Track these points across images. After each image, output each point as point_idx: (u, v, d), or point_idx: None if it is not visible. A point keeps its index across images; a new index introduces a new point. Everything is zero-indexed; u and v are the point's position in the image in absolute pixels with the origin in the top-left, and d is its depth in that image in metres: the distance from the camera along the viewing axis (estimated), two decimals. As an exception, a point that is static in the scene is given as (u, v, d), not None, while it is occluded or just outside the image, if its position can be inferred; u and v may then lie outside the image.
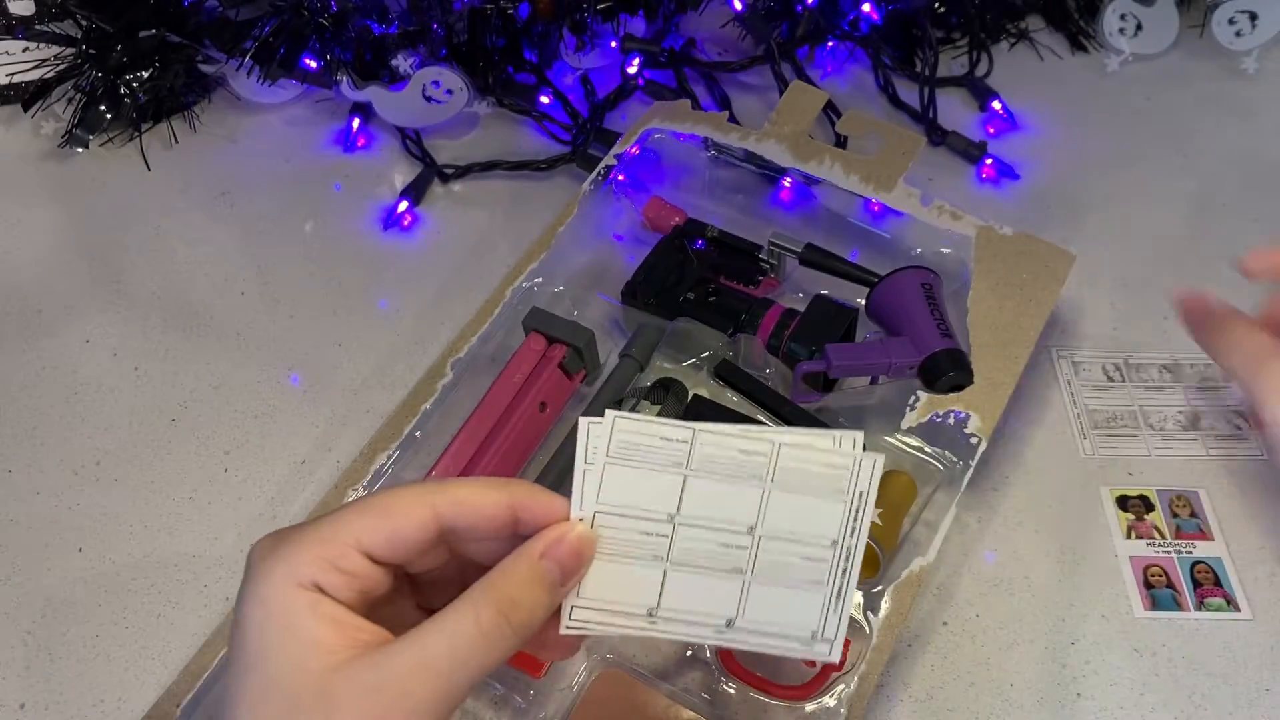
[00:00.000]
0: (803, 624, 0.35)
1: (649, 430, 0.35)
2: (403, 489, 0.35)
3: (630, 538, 0.35)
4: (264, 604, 0.33)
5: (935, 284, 0.58)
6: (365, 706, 0.31)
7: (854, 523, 0.35)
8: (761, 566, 0.35)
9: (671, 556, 0.35)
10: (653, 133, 0.65)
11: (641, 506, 0.35)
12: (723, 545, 0.35)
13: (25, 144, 0.75)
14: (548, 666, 0.50)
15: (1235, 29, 0.77)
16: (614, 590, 0.35)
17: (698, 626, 0.35)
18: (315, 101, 0.77)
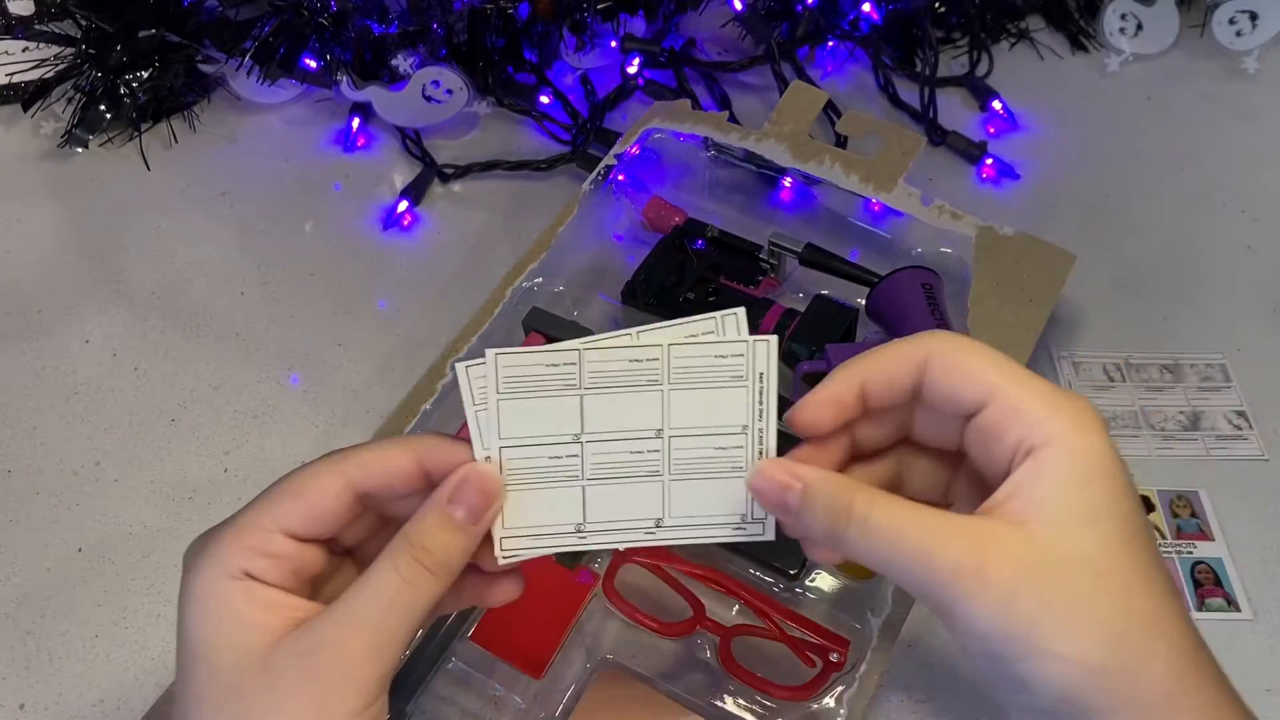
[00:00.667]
0: (730, 510, 0.36)
1: (534, 360, 0.35)
2: (313, 463, 0.36)
3: (541, 464, 0.36)
4: (199, 600, 0.34)
5: (936, 284, 0.58)
6: (303, 669, 0.32)
7: (760, 405, 0.35)
8: (677, 464, 0.36)
9: (586, 474, 0.36)
10: (653, 133, 0.65)
11: (545, 433, 0.36)
12: (634, 453, 0.36)
13: (25, 144, 0.75)
14: (548, 667, 0.50)
15: (1235, 29, 0.77)
16: (538, 515, 0.36)
17: (628, 532, 0.36)
18: (315, 101, 0.77)
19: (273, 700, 0.32)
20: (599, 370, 0.35)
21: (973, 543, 0.31)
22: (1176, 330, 0.64)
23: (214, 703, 0.33)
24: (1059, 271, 0.58)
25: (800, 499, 0.33)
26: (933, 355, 0.34)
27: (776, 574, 0.52)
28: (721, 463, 0.36)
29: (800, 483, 0.33)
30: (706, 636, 0.51)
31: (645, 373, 0.35)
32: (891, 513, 0.32)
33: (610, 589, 0.50)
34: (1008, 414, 0.32)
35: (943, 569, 0.31)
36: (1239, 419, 0.60)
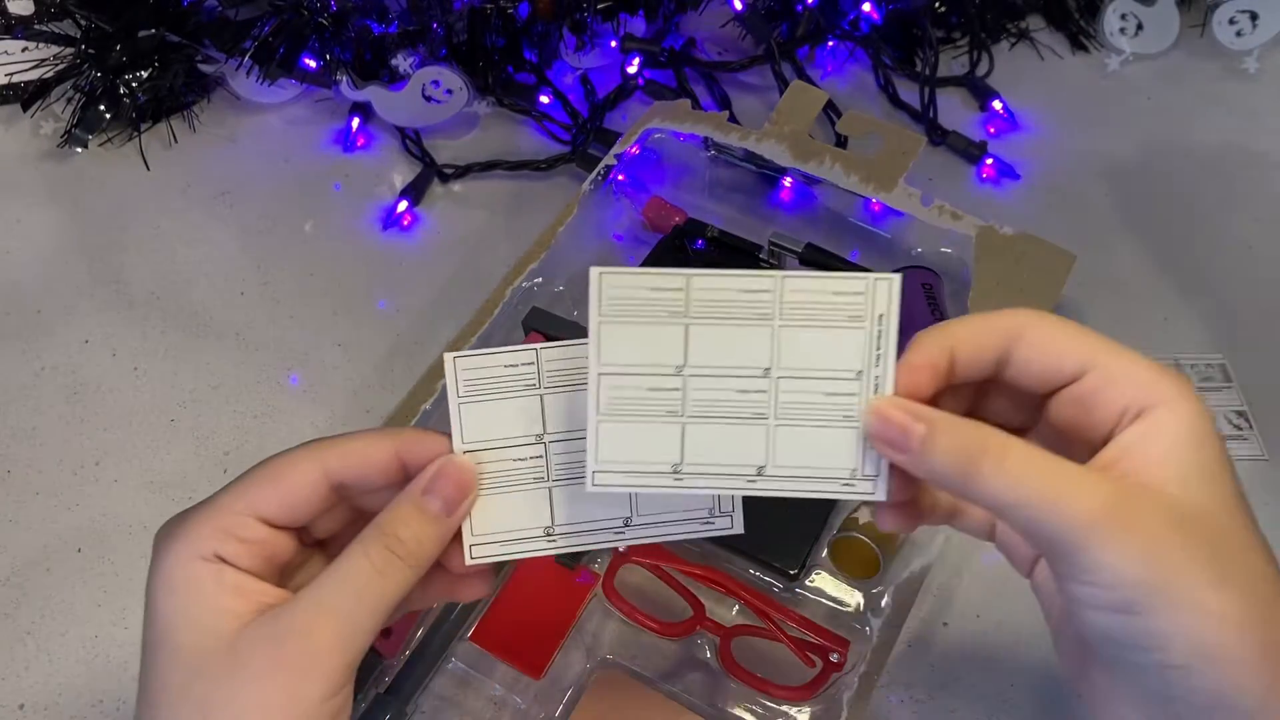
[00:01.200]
0: (839, 463, 0.34)
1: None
2: (292, 451, 0.36)
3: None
4: (168, 580, 0.34)
5: (936, 284, 0.58)
6: (269, 655, 0.32)
7: (878, 349, 0.33)
8: (784, 409, 0.34)
9: (687, 411, 0.34)
10: (653, 132, 0.65)
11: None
12: (740, 391, 0.34)
13: (24, 144, 0.75)
14: (548, 667, 0.50)
15: (1236, 29, 0.77)
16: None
17: (727, 478, 0.34)
18: (315, 101, 0.77)
19: (237, 685, 0.32)
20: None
21: (1111, 492, 0.31)
22: (1176, 330, 0.64)
23: (178, 685, 0.32)
24: (1059, 271, 0.58)
25: (925, 439, 0.32)
26: (1025, 326, 0.34)
27: (776, 574, 0.52)
28: (832, 411, 0.34)
29: (924, 421, 0.33)
30: (706, 637, 0.51)
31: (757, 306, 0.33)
32: (1028, 455, 0.32)
33: (610, 589, 0.50)
34: (1112, 380, 0.33)
35: (1080, 515, 0.30)
36: (1239, 419, 0.60)
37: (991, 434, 0.32)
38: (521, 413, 0.35)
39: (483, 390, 0.35)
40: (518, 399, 0.35)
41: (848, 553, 0.52)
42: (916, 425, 0.32)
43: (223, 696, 0.32)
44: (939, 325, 0.34)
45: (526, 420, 0.35)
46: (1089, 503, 0.30)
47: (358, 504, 0.37)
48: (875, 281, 0.33)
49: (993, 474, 0.31)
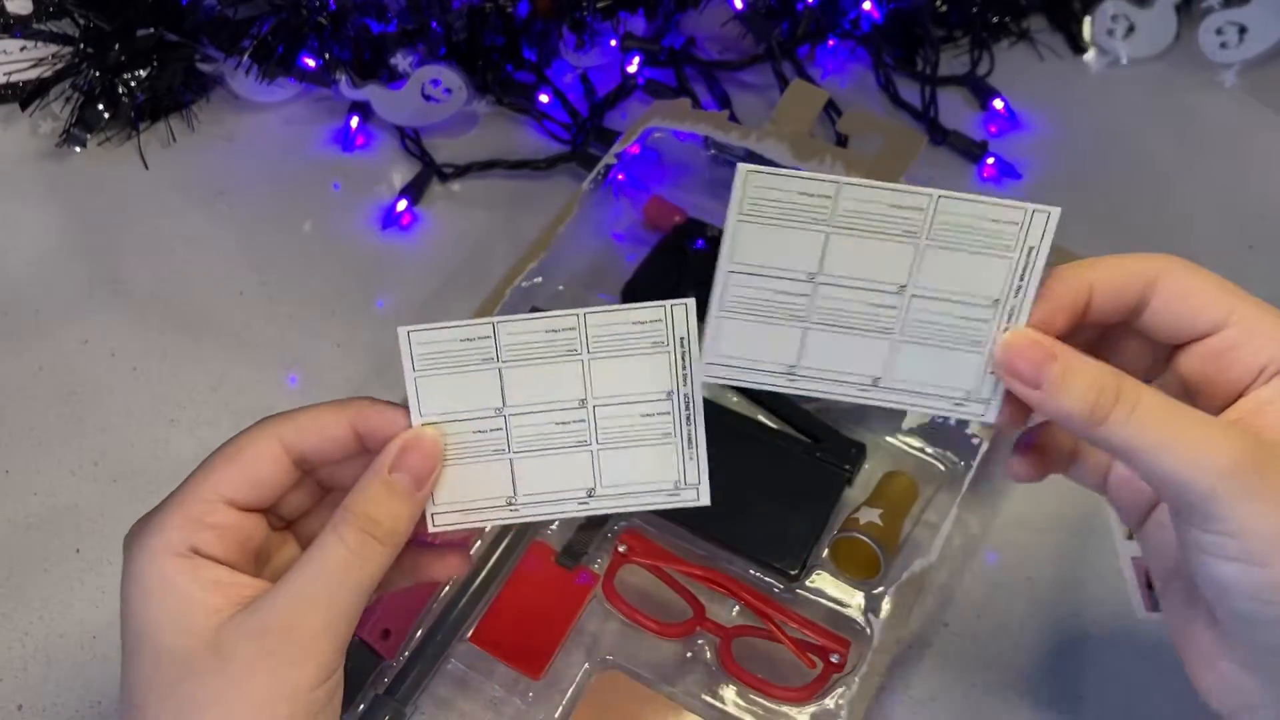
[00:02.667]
0: (955, 384, 0.34)
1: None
2: (248, 429, 0.36)
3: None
4: (142, 581, 0.33)
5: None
6: (255, 649, 0.32)
7: (1020, 280, 0.33)
8: (911, 326, 0.34)
9: (813, 318, 0.34)
10: (652, 131, 0.65)
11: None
12: (871, 305, 0.34)
13: (23, 143, 0.75)
14: (547, 668, 0.49)
15: (1221, 40, 0.76)
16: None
17: (840, 385, 0.34)
18: (314, 100, 0.77)
19: (225, 682, 0.32)
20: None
21: (1247, 445, 0.30)
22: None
23: (162, 687, 0.32)
24: (1060, 271, 0.58)
25: (1060, 374, 0.32)
26: (1164, 275, 0.33)
27: (776, 574, 0.52)
28: (960, 334, 0.33)
29: (1058, 359, 0.32)
30: (706, 637, 0.51)
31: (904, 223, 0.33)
32: (1161, 402, 0.31)
33: (610, 590, 0.50)
34: (1253, 336, 0.32)
35: (1215, 465, 0.30)
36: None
37: (1125, 378, 0.32)
38: (479, 386, 0.35)
39: (439, 364, 0.36)
40: (475, 372, 0.35)
41: (848, 553, 0.52)
42: (1050, 363, 0.32)
43: (211, 694, 0.32)
44: (1080, 262, 0.34)
45: (485, 393, 0.35)
46: (1224, 453, 0.30)
47: (321, 479, 0.37)
48: (1033, 213, 0.33)
49: (1125, 419, 0.31)
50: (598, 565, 0.52)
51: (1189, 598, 0.34)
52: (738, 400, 0.58)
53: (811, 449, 0.54)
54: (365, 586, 0.34)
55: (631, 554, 0.50)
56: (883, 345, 0.34)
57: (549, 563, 0.52)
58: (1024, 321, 0.33)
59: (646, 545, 0.51)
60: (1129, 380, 0.32)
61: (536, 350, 0.35)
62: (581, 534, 0.53)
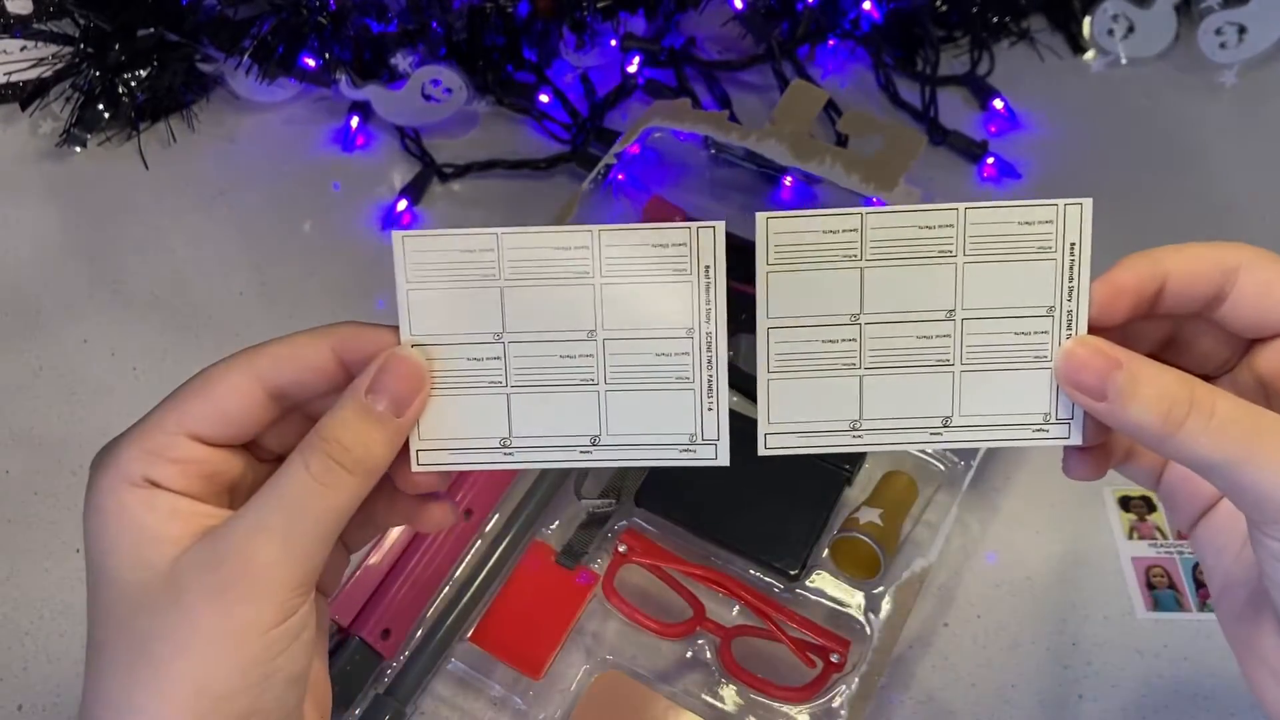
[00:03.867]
0: (1032, 408, 0.31)
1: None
2: (222, 362, 0.33)
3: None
4: (99, 511, 0.31)
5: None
6: (209, 582, 0.30)
7: (1070, 281, 0.31)
8: (970, 353, 0.31)
9: (864, 364, 0.32)
10: (652, 132, 0.65)
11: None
12: (921, 338, 0.32)
13: (23, 143, 0.75)
14: (547, 667, 0.49)
15: (1220, 40, 0.76)
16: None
17: (910, 433, 0.32)
18: (314, 100, 0.77)
19: (177, 616, 0.30)
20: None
21: None
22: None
23: (118, 620, 0.30)
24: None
25: (1128, 383, 0.30)
26: (1245, 266, 0.31)
27: (776, 574, 0.52)
28: (1019, 353, 0.31)
29: (1123, 367, 0.30)
30: (707, 637, 0.51)
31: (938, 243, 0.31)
32: (1236, 410, 0.29)
33: (610, 589, 0.50)
34: None
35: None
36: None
37: (1197, 385, 0.30)
38: (478, 306, 0.32)
39: (435, 276, 0.32)
40: (474, 289, 0.32)
41: (848, 553, 0.52)
42: (1115, 372, 0.30)
43: (163, 628, 0.30)
44: (1152, 250, 0.32)
45: (483, 315, 0.32)
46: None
47: (307, 412, 0.34)
48: (1066, 207, 0.31)
49: (1199, 430, 0.29)
50: (598, 565, 0.52)
51: (1254, 605, 0.32)
52: (737, 400, 0.58)
53: (812, 449, 0.54)
54: (330, 519, 0.31)
55: (631, 554, 0.51)
56: (945, 380, 0.32)
57: (549, 562, 0.52)
58: (1083, 326, 0.31)
59: (646, 545, 0.51)
60: (1203, 387, 0.30)
61: (544, 270, 0.31)
62: (581, 533, 0.53)
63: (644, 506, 0.53)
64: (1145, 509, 0.56)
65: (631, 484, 0.53)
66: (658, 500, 0.53)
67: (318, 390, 0.33)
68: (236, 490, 0.33)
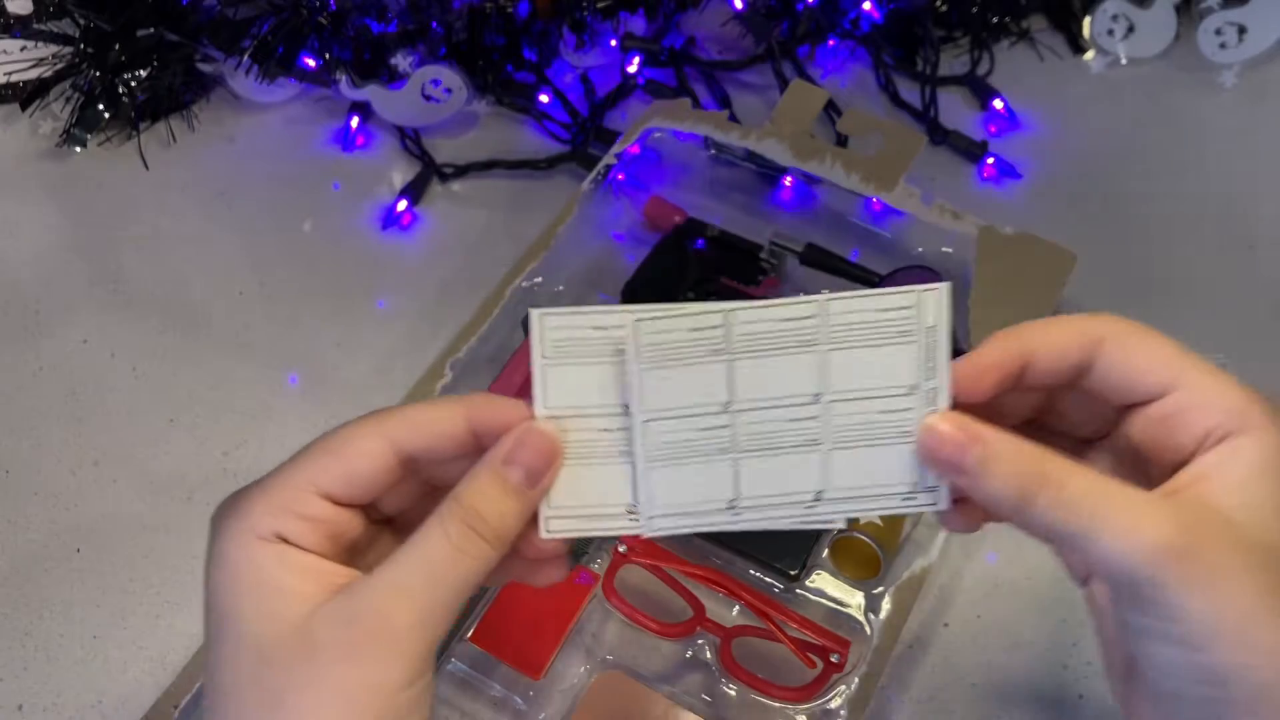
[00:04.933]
0: (899, 479, 0.33)
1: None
2: (356, 422, 0.34)
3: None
4: (227, 563, 0.32)
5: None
6: (344, 639, 0.30)
7: (931, 361, 0.32)
8: (838, 431, 0.33)
9: (739, 446, 0.33)
10: (652, 132, 0.65)
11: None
12: (792, 420, 0.33)
13: (23, 143, 0.75)
14: (548, 668, 0.49)
15: (1220, 40, 0.76)
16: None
17: (784, 508, 0.34)
18: (314, 100, 0.77)
19: (311, 672, 0.30)
20: (749, 333, 0.33)
21: (1178, 526, 0.29)
22: (1177, 331, 0.64)
23: (246, 673, 0.31)
24: (1060, 271, 0.58)
25: (983, 458, 0.31)
26: (1110, 337, 0.32)
27: (776, 574, 0.52)
28: (884, 430, 0.33)
29: (980, 442, 0.31)
30: (707, 637, 0.51)
31: (803, 332, 0.33)
32: (1092, 482, 0.30)
33: (610, 590, 0.50)
34: (1198, 402, 0.31)
35: (1153, 548, 0.29)
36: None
37: (1051, 460, 0.31)
38: (609, 380, 0.33)
39: (569, 353, 0.33)
40: (605, 365, 0.33)
41: (848, 553, 0.52)
42: (973, 446, 0.31)
43: (297, 683, 0.30)
44: (1019, 326, 0.33)
45: (613, 389, 0.33)
46: (1156, 536, 0.29)
47: (427, 476, 0.35)
48: (923, 294, 0.32)
49: (1052, 504, 0.30)
50: (598, 565, 0.52)
51: (1131, 669, 0.33)
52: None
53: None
54: (464, 586, 0.32)
55: (631, 554, 0.51)
56: (815, 458, 0.33)
57: None
58: (945, 402, 0.32)
59: (646, 545, 0.51)
60: (1056, 461, 0.31)
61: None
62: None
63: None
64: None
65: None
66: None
67: (446, 456, 0.34)
68: (354, 549, 0.34)
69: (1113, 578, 0.30)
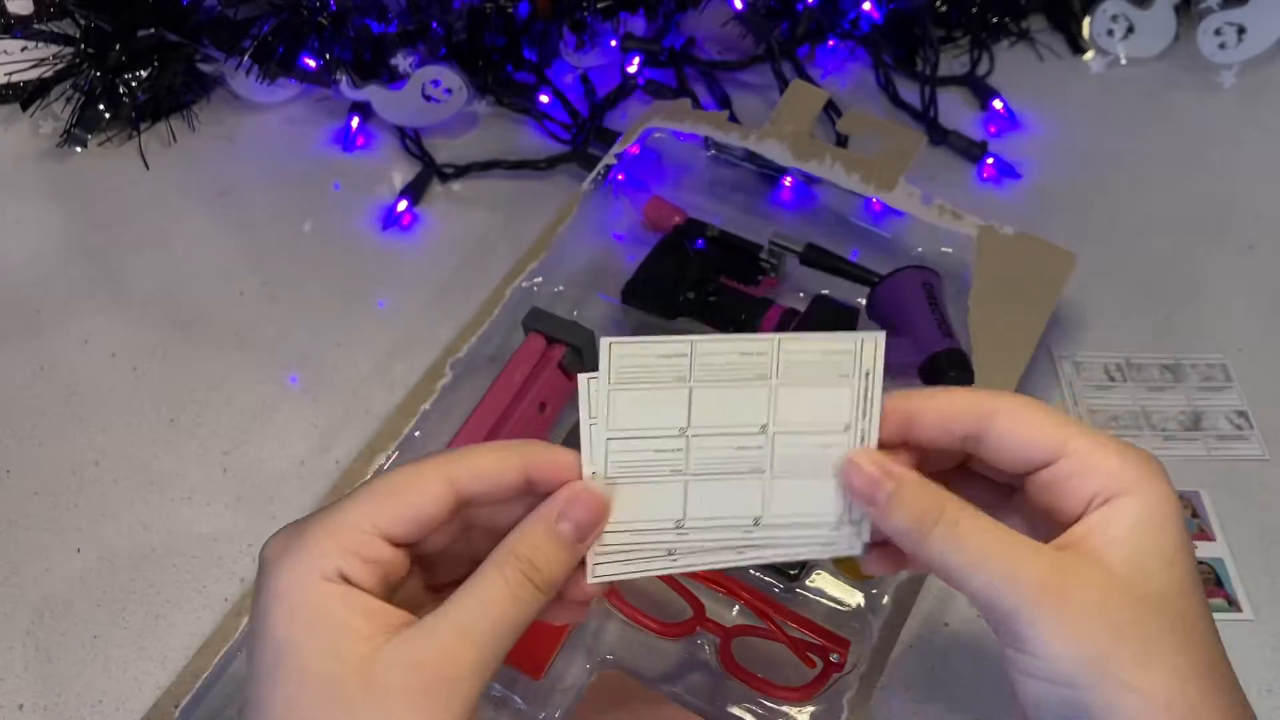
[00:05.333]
0: (827, 510, 0.36)
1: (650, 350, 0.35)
2: (416, 465, 0.34)
3: (642, 461, 0.36)
4: (287, 597, 0.32)
5: (936, 283, 0.57)
6: (411, 682, 0.31)
7: (864, 403, 0.35)
8: (780, 462, 0.36)
9: (690, 469, 0.36)
10: (652, 132, 0.65)
11: (653, 428, 0.35)
12: (739, 449, 0.36)
13: (24, 143, 0.75)
14: (548, 667, 0.49)
15: (1220, 40, 0.76)
16: (633, 522, 0.36)
17: (725, 531, 0.36)
18: (314, 101, 0.77)
19: (377, 712, 0.31)
20: (710, 363, 0.35)
21: (1057, 567, 0.32)
22: (1177, 330, 0.64)
23: (306, 708, 0.31)
24: (1060, 272, 0.58)
25: (890, 494, 0.34)
26: (1000, 412, 0.35)
27: (777, 574, 0.52)
28: (820, 464, 0.36)
29: (893, 479, 0.34)
30: (706, 637, 0.51)
31: (755, 367, 0.35)
32: (980, 523, 0.33)
33: (610, 589, 0.50)
34: (1082, 468, 0.34)
35: (1025, 586, 0.32)
36: (1240, 419, 0.60)
37: (949, 500, 0.34)
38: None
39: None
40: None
41: (848, 553, 0.52)
42: (886, 480, 0.34)
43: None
44: (910, 392, 0.36)
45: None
46: (1028, 574, 0.32)
47: (471, 518, 0.36)
48: (862, 341, 0.35)
49: (942, 538, 0.33)
50: (598, 565, 0.52)
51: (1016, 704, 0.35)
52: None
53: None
54: (518, 630, 0.33)
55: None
56: (757, 484, 0.36)
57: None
58: (874, 441, 0.35)
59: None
60: (954, 502, 0.34)
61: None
62: None
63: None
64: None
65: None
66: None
67: (500, 500, 0.35)
68: (398, 588, 0.35)
69: (990, 613, 0.33)
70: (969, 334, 0.55)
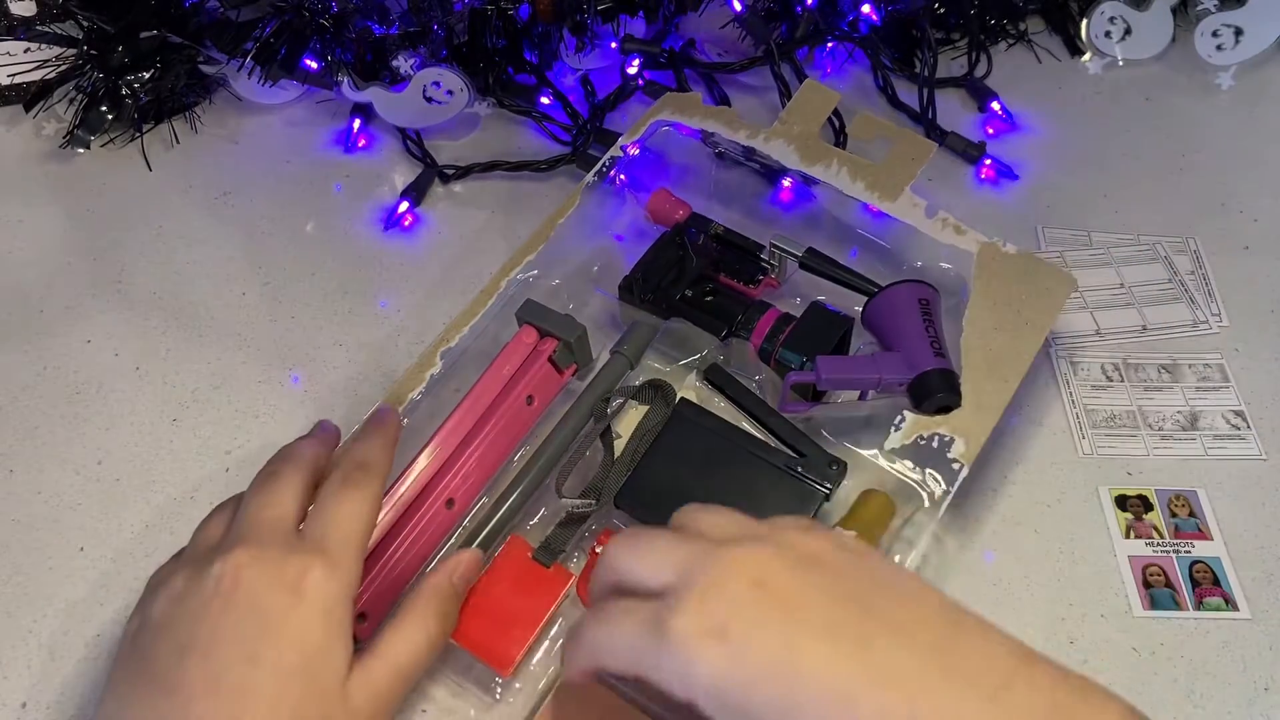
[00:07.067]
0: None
1: None
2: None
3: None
4: (334, 618, 0.42)
5: (933, 300, 0.56)
6: (372, 709, 0.42)
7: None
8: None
9: None
10: (660, 125, 0.65)
11: None
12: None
13: (27, 144, 0.76)
14: (517, 663, 0.49)
15: (1217, 42, 0.76)
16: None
17: None
18: (316, 102, 0.77)
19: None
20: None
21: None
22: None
23: (292, 708, 0.39)
24: (1059, 294, 0.56)
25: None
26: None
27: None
28: None
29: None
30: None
31: None
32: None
33: (584, 589, 0.50)
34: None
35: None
36: (1237, 419, 0.60)
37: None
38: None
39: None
40: None
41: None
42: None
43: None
44: (584, 632, 0.39)
45: None
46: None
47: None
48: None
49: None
50: (574, 563, 0.53)
51: None
52: (725, 405, 0.58)
53: (793, 463, 0.53)
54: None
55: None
56: None
57: (525, 558, 0.51)
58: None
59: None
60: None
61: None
62: (560, 531, 0.52)
63: (623, 508, 0.53)
64: (1142, 508, 0.56)
65: (612, 485, 0.53)
66: (637, 503, 0.53)
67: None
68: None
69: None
70: (960, 354, 0.54)
